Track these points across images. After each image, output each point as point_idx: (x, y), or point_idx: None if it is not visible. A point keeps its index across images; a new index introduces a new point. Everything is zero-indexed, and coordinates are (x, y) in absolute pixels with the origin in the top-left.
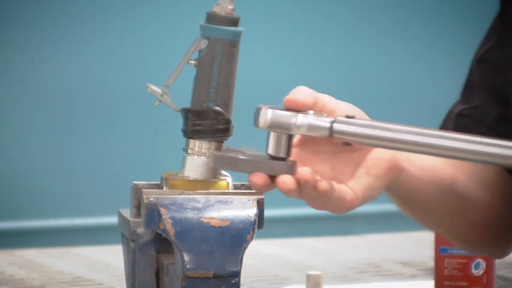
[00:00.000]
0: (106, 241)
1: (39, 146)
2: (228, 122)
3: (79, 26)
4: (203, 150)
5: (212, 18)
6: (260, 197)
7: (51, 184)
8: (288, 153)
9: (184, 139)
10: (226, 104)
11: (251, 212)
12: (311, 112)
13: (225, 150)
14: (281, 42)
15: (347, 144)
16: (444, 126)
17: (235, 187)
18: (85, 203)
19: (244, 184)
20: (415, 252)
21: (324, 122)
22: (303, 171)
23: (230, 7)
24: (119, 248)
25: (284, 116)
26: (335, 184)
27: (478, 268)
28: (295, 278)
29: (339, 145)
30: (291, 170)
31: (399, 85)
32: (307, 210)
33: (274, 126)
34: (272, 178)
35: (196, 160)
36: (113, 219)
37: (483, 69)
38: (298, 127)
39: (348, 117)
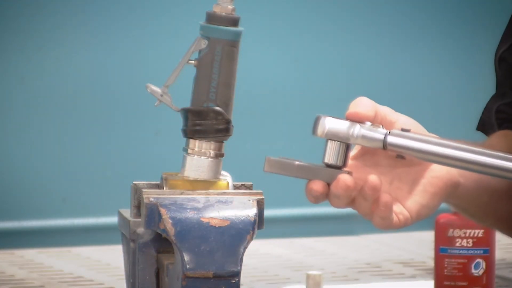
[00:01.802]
0: (106, 241)
1: (39, 146)
2: (228, 122)
3: (79, 26)
4: (203, 150)
5: (212, 18)
6: (260, 197)
7: (51, 184)
8: (345, 162)
9: (184, 139)
10: (226, 104)
11: (251, 212)
12: (368, 123)
13: (280, 158)
14: (281, 42)
15: (401, 157)
16: (485, 122)
17: (235, 187)
18: (85, 203)
19: (244, 184)
20: (415, 252)
21: (378, 134)
22: (373, 178)
23: (230, 7)
24: (119, 248)
25: (342, 125)
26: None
27: (478, 268)
28: (295, 278)
29: (397, 159)
30: None
31: (399, 86)
32: (307, 210)
33: (332, 135)
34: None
35: (196, 160)
36: (113, 219)
37: (504, 68)
38: (355, 137)
39: (403, 130)
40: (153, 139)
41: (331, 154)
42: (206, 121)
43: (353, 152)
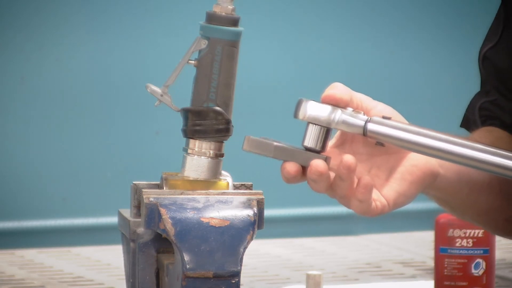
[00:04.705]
0: (106, 241)
1: (39, 146)
2: (228, 122)
3: (78, 26)
4: (203, 150)
5: (212, 18)
6: (260, 197)
7: (51, 184)
8: (324, 147)
9: (184, 139)
10: (226, 104)
11: (251, 212)
12: (350, 109)
13: (260, 138)
14: (281, 42)
15: (381, 144)
16: (468, 119)
17: (235, 187)
18: (85, 203)
19: (244, 184)
20: (415, 252)
21: (359, 120)
22: (348, 157)
23: (230, 7)
24: (119, 248)
25: (323, 110)
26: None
27: (478, 268)
28: (295, 278)
29: (376, 147)
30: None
31: (399, 85)
32: (307, 210)
33: (312, 119)
34: (304, 170)
35: (196, 160)
36: (113, 219)
37: (488, 66)
38: (336, 122)
39: (384, 117)
40: (153, 139)
41: (310, 138)
42: (206, 121)
43: (332, 142)
